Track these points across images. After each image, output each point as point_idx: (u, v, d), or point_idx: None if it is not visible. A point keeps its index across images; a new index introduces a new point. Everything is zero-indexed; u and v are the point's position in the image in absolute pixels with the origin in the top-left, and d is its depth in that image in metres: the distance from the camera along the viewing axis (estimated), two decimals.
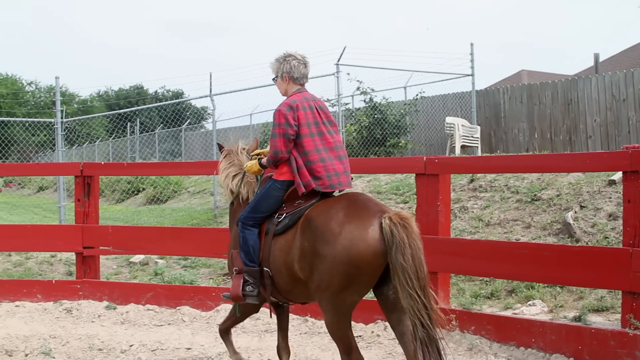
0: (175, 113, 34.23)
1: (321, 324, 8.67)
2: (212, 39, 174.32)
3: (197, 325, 9.19)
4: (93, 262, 10.33)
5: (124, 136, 40.51)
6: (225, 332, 6.87)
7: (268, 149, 6.18)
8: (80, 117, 30.05)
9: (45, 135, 55.63)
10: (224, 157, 6.94)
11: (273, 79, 6.37)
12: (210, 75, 18.70)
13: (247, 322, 8.99)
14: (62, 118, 17.89)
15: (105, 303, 10.04)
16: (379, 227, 5.20)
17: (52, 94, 75.42)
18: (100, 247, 10.36)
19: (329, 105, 22.65)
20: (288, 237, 5.75)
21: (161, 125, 38.82)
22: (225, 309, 9.34)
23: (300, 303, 6.42)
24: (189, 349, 8.02)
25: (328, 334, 8.23)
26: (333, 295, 5.34)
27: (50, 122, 19.52)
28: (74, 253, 10.82)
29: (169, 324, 9.32)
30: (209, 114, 59.99)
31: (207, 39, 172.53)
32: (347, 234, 5.22)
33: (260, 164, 6.32)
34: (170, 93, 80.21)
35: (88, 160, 18.24)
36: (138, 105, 61.00)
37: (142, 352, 7.91)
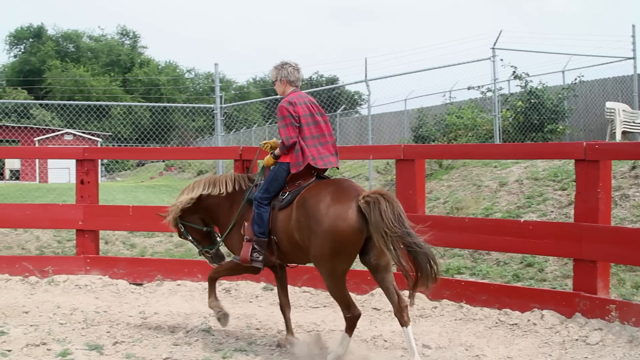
0: (330, 99, 34.43)
1: (476, 311, 8.63)
2: (366, 24, 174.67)
3: None
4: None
5: None
6: (212, 280, 8.16)
7: (274, 140, 7.76)
8: (238, 103, 30.66)
9: (204, 121, 57.21)
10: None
11: (272, 83, 7.77)
12: (366, 60, 18.79)
13: None
14: (221, 104, 18.33)
15: (262, 284, 10.27)
16: (356, 208, 6.58)
17: (210, 80, 77.50)
18: None
19: (484, 90, 22.40)
20: (287, 211, 7.17)
21: None
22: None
23: (299, 264, 7.89)
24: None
25: (483, 321, 8.26)
26: (326, 263, 6.77)
27: (209, 108, 20.01)
28: None
29: (325, 306, 9.45)
30: (363, 99, 60.34)
31: (360, 24, 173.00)
32: (331, 214, 6.64)
33: (274, 155, 7.50)
34: (323, 79, 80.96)
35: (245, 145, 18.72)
36: None
37: (298, 333, 8.05)
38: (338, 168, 7.75)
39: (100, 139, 55.71)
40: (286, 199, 7.23)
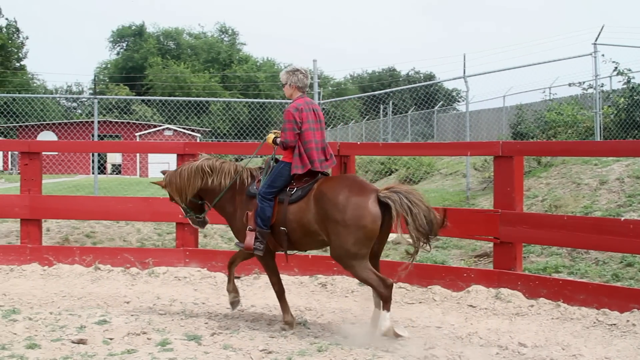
0: (427, 95, 34.27)
1: (574, 310, 8.52)
2: (462, 19, 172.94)
3: (447, 304, 9.27)
4: None
5: (376, 118, 41.08)
6: (230, 265, 8.79)
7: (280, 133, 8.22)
8: (335, 99, 30.60)
9: None
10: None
11: (282, 86, 8.35)
12: (464, 56, 18.62)
13: (499, 304, 8.99)
14: (319, 100, 18.43)
15: None
16: (376, 199, 7.38)
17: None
18: None
19: (585, 87, 21.99)
20: (301, 204, 7.81)
21: (413, 107, 39.02)
22: (476, 290, 9.37)
23: (304, 251, 8.77)
24: (439, 327, 8.11)
25: (581, 320, 8.16)
26: (348, 250, 7.40)
27: None
28: None
29: (420, 302, 9.46)
30: (460, 96, 59.79)
31: (457, 19, 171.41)
32: (353, 205, 7.37)
33: (274, 141, 8.26)
34: (420, 75, 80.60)
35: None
36: (390, 88, 61.59)
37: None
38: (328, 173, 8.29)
39: (199, 135, 56.64)
40: (296, 194, 7.89)
